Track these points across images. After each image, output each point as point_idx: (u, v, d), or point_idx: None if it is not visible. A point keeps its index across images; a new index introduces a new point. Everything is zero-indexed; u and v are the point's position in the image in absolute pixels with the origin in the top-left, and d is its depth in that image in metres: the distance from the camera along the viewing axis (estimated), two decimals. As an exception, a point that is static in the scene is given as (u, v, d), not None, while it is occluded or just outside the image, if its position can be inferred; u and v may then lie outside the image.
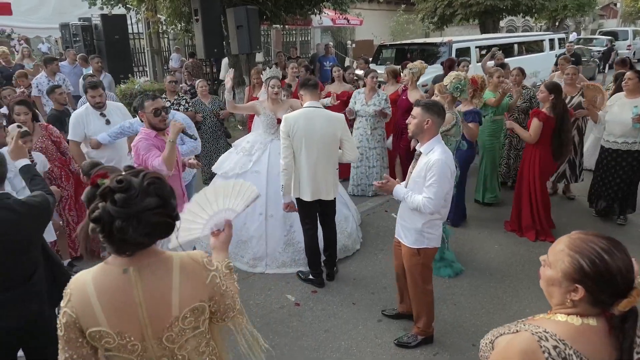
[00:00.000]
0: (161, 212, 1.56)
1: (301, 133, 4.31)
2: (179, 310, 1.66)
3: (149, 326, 1.64)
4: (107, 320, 1.60)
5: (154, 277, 1.64)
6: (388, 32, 25.62)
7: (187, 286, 1.68)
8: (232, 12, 9.19)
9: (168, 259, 1.69)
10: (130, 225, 1.49)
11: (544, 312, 1.73)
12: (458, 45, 12.08)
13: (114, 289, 1.61)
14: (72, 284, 1.64)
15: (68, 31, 13.46)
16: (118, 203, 1.49)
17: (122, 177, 1.53)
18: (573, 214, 6.47)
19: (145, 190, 1.53)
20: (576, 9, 21.43)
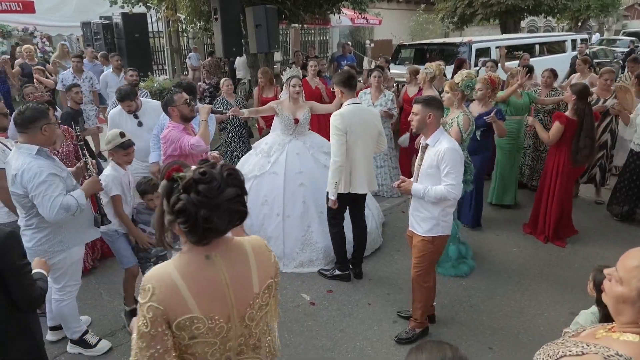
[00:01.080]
0: (240, 200, 1.64)
1: (358, 128, 4.42)
2: (258, 287, 1.78)
3: (234, 306, 1.72)
4: (198, 306, 1.65)
5: (235, 260, 1.75)
6: (407, 32, 25.48)
7: (261, 265, 1.80)
8: (251, 11, 9.20)
9: (240, 243, 1.80)
10: (215, 214, 1.57)
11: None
12: (478, 45, 11.97)
13: (201, 275, 1.67)
14: (151, 279, 1.65)
15: (89, 29, 13.63)
16: (202, 193, 1.56)
17: (204, 169, 1.60)
18: (594, 218, 6.36)
19: (226, 181, 1.60)
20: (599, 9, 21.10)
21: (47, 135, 3.32)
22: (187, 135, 4.28)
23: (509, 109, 6.44)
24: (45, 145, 3.37)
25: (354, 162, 4.48)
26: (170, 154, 4.25)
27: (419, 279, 3.85)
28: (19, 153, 3.28)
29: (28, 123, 3.25)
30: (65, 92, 6.36)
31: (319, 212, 5.12)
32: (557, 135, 5.31)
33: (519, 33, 19.78)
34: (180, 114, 4.28)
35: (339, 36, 22.55)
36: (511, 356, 3.83)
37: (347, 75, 4.53)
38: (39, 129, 3.27)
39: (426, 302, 3.94)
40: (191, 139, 4.24)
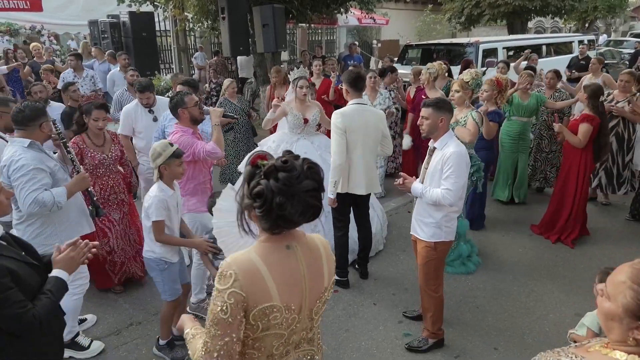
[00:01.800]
0: (316, 195, 1.65)
1: (358, 128, 4.38)
2: (328, 281, 1.84)
3: (307, 298, 1.76)
4: (279, 295, 1.67)
5: (311, 252, 1.80)
6: (414, 32, 25.45)
7: (330, 260, 1.87)
8: (258, 11, 9.22)
9: (311, 238, 1.86)
10: (290, 202, 1.59)
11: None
12: (485, 46, 11.95)
13: (283, 264, 1.71)
14: (233, 265, 1.64)
15: (96, 28, 13.67)
16: (281, 181, 1.59)
17: (287, 158, 1.64)
18: (601, 219, 6.34)
19: (306, 173, 1.62)
20: (607, 10, 20.97)
21: (45, 132, 3.47)
22: (200, 141, 4.12)
23: (512, 109, 6.44)
24: (41, 141, 3.49)
25: (352, 163, 4.45)
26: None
27: (427, 289, 3.76)
28: (12, 145, 3.41)
29: (28, 121, 3.39)
30: (63, 91, 6.40)
31: (326, 211, 5.12)
32: (588, 136, 5.31)
33: (526, 34, 19.72)
34: (191, 116, 4.10)
35: (346, 36, 22.54)
36: (516, 357, 3.82)
37: (355, 75, 4.50)
38: (37, 126, 3.42)
39: (437, 312, 3.83)
40: (206, 145, 4.06)
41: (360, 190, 4.52)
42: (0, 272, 2.16)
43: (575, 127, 5.42)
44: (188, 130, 4.12)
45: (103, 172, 4.34)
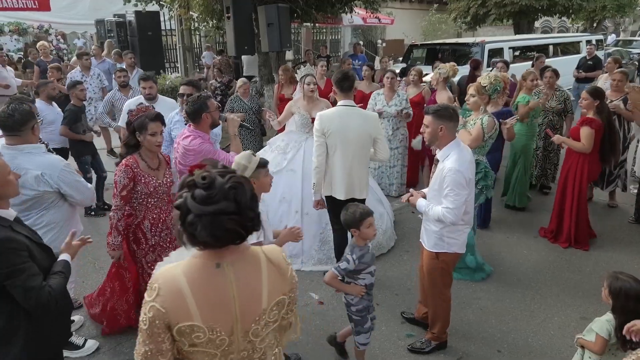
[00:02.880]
0: (234, 219, 1.54)
1: (337, 132, 4.22)
2: (267, 303, 1.70)
3: (239, 320, 1.66)
4: (201, 315, 1.60)
5: (246, 272, 1.67)
6: (419, 31, 25.40)
7: (274, 279, 1.72)
8: (263, 10, 9.21)
9: (255, 253, 1.73)
10: (200, 222, 1.50)
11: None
12: (491, 45, 11.90)
13: (209, 284, 1.61)
14: (159, 278, 1.62)
15: (103, 27, 13.71)
16: (196, 198, 1.51)
17: (207, 174, 1.55)
18: (607, 222, 6.29)
19: (225, 193, 1.52)
20: (615, 10, 20.79)
21: (36, 134, 3.44)
22: (222, 151, 4.05)
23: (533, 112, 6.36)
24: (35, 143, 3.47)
25: (331, 167, 4.33)
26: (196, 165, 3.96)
27: (436, 296, 3.72)
28: (30, 154, 3.35)
29: (20, 126, 3.31)
30: (69, 89, 6.43)
31: (304, 212, 5.13)
32: (592, 140, 5.19)
33: (532, 33, 19.61)
34: (213, 120, 3.99)
35: (351, 35, 22.52)
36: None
37: (340, 76, 4.32)
38: (30, 129, 3.35)
39: (444, 317, 3.79)
40: (229, 156, 3.92)
41: (339, 194, 4.38)
42: (19, 245, 2.39)
43: (576, 132, 5.34)
44: (205, 135, 3.96)
45: (155, 203, 3.70)
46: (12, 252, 2.35)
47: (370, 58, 18.18)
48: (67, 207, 3.59)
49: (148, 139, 3.49)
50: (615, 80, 6.28)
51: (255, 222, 1.62)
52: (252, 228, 1.61)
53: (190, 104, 3.94)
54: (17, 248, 2.37)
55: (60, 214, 3.53)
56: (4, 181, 2.47)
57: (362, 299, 3.36)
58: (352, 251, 3.27)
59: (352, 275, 3.32)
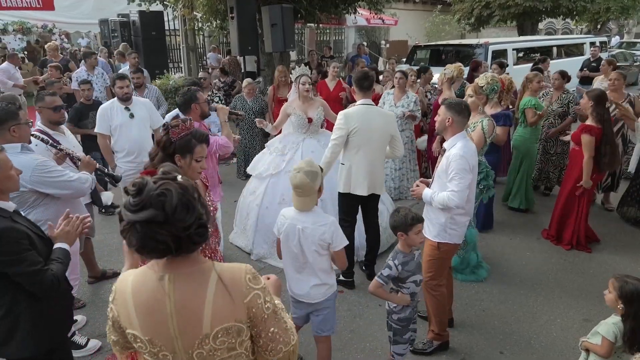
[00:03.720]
0: (165, 229, 1.43)
1: (362, 130, 4.37)
2: (210, 327, 1.55)
3: (179, 339, 1.56)
4: (140, 326, 1.56)
5: (188, 289, 1.54)
6: (423, 32, 25.39)
7: (222, 302, 1.55)
8: (267, 10, 9.23)
9: (207, 270, 1.58)
10: (131, 231, 1.44)
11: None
12: (495, 47, 11.89)
13: (148, 296, 1.55)
14: (118, 282, 1.63)
15: (107, 27, 13.80)
16: (126, 205, 1.45)
17: (138, 181, 1.47)
18: (608, 224, 6.27)
19: (150, 201, 1.42)
20: (619, 12, 20.71)
21: (16, 136, 3.37)
22: (212, 136, 4.23)
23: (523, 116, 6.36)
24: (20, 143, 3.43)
25: (355, 164, 4.45)
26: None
27: (428, 287, 3.73)
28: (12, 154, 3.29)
29: None
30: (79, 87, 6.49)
31: (336, 209, 5.11)
32: (592, 148, 5.12)
33: (536, 35, 19.59)
34: (201, 111, 4.29)
35: (355, 36, 22.52)
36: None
37: (361, 75, 4.51)
38: (7, 130, 3.32)
39: (438, 313, 3.80)
40: (219, 139, 4.23)
41: (361, 191, 4.51)
42: (19, 234, 2.46)
43: (577, 138, 5.29)
44: (195, 124, 4.11)
45: None
46: (13, 241, 2.41)
47: (374, 59, 18.18)
48: (59, 204, 3.52)
49: (193, 165, 2.89)
50: (612, 80, 6.24)
51: (195, 234, 1.48)
52: (189, 240, 1.48)
53: (180, 96, 4.28)
54: (17, 237, 2.44)
55: (50, 212, 3.48)
56: (5, 176, 2.56)
57: (405, 308, 3.28)
58: (395, 257, 3.21)
59: (397, 283, 3.26)
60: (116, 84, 5.35)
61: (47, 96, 4.31)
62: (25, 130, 3.46)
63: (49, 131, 4.22)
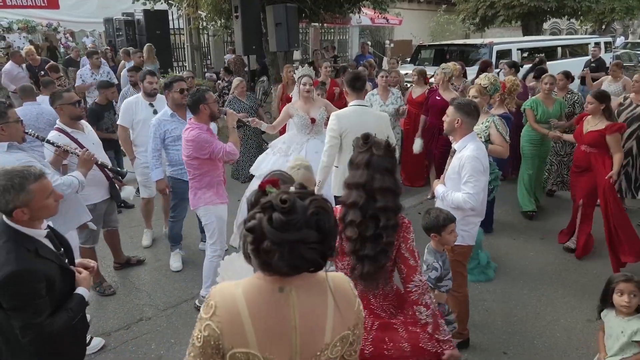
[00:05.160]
0: (316, 248, 1.37)
1: (355, 131, 4.22)
2: (331, 337, 1.52)
3: (299, 353, 1.49)
4: (258, 342, 1.45)
5: (311, 300, 1.49)
6: (427, 32, 25.35)
7: (340, 312, 1.53)
8: (271, 10, 9.24)
9: (322, 281, 1.53)
10: (279, 251, 1.34)
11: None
12: (499, 47, 11.86)
13: (269, 309, 1.46)
14: (217, 296, 1.50)
15: (111, 25, 13.81)
16: (274, 224, 1.34)
17: (287, 197, 1.36)
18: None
19: (308, 220, 1.35)
20: (624, 12, 20.65)
21: (5, 134, 3.37)
22: (219, 141, 4.15)
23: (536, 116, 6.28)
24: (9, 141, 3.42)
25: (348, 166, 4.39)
26: (197, 157, 4.07)
27: (453, 295, 3.68)
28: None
29: None
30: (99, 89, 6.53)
31: None
32: (620, 144, 5.01)
33: (541, 35, 19.54)
34: (211, 111, 4.15)
35: (359, 36, 22.50)
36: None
37: (352, 75, 4.44)
38: None
39: (461, 312, 3.78)
40: (226, 146, 4.11)
41: None
42: (37, 277, 2.27)
43: (595, 138, 5.05)
44: (203, 126, 4.11)
45: None
46: (26, 284, 2.25)
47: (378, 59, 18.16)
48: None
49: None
50: (635, 81, 6.06)
51: (334, 249, 1.45)
52: (331, 256, 1.45)
53: (189, 97, 4.17)
54: (33, 280, 2.26)
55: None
56: (40, 205, 2.35)
57: (441, 304, 3.24)
58: (436, 257, 3.20)
59: (435, 282, 3.25)
60: (146, 79, 5.53)
61: (64, 93, 4.33)
62: (15, 128, 3.44)
63: (68, 129, 4.22)
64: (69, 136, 4.18)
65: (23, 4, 13.39)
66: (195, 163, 4.11)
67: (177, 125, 4.75)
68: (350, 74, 4.51)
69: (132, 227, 6.08)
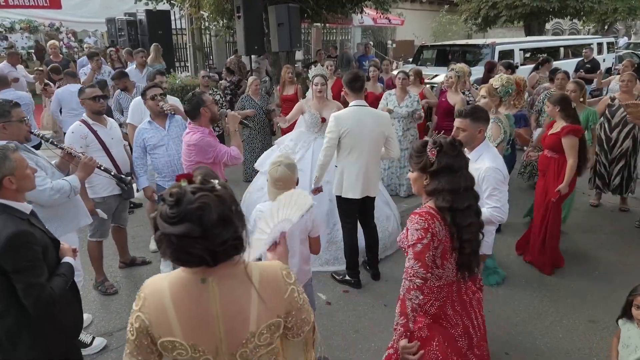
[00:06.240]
0: (200, 243, 1.40)
1: (353, 131, 4.31)
2: (256, 325, 1.58)
3: (224, 341, 1.56)
4: (182, 332, 1.52)
5: (233, 290, 1.55)
6: (429, 32, 25.33)
7: (266, 300, 1.58)
8: (273, 10, 9.25)
9: (248, 270, 1.59)
10: (165, 242, 1.41)
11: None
12: (501, 47, 11.86)
13: (192, 300, 1.52)
14: (147, 288, 1.58)
15: (114, 26, 13.82)
16: (161, 216, 1.41)
17: (176, 191, 1.41)
18: (617, 225, 6.24)
19: (189, 215, 1.38)
20: (627, 12, 20.64)
21: (6, 133, 3.38)
22: (222, 145, 4.12)
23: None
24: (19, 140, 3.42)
25: (347, 167, 4.41)
26: (200, 161, 4.00)
27: None
28: None
29: None
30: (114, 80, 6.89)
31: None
32: (577, 150, 4.69)
33: (543, 35, 19.52)
34: (211, 113, 4.09)
35: (361, 36, 22.51)
36: (528, 362, 3.78)
37: (351, 76, 4.43)
38: None
39: None
40: (230, 150, 4.07)
41: (353, 194, 4.45)
42: (35, 240, 2.45)
43: (553, 141, 4.85)
44: (205, 130, 4.06)
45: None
46: (26, 247, 2.39)
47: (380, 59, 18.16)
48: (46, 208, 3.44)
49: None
50: (625, 81, 6.11)
51: (230, 247, 1.47)
52: (225, 253, 1.47)
53: (187, 103, 4.10)
54: (32, 242, 2.41)
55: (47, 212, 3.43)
56: (22, 175, 2.55)
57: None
58: None
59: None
60: (156, 78, 5.64)
61: (87, 88, 4.49)
62: (17, 127, 3.44)
63: (90, 121, 4.39)
64: (89, 127, 4.33)
65: (25, 4, 13.40)
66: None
67: (155, 133, 4.68)
68: (349, 74, 4.49)
69: (135, 227, 6.08)
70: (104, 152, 4.38)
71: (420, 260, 2.33)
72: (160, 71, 5.78)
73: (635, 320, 2.84)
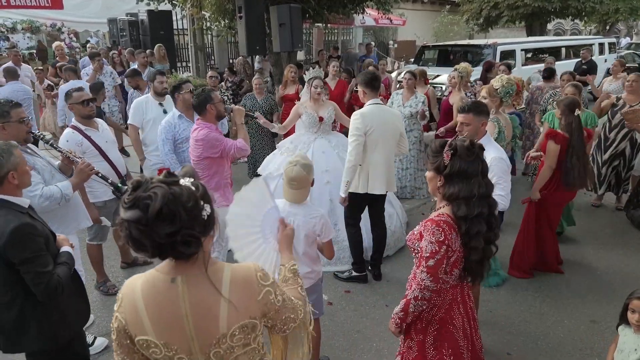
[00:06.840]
0: (141, 230, 1.40)
1: (378, 128, 4.41)
2: (227, 327, 1.57)
3: (195, 340, 1.57)
4: (154, 330, 1.55)
5: (202, 289, 1.56)
6: (431, 32, 25.32)
7: (237, 301, 1.58)
8: (275, 10, 9.25)
9: (219, 270, 1.60)
10: (122, 227, 1.43)
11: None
12: (503, 47, 11.85)
13: (161, 299, 1.54)
14: (124, 288, 1.61)
15: (115, 26, 13.86)
16: (122, 200, 1.44)
17: (138, 180, 1.45)
18: (617, 225, 6.23)
19: (138, 202, 1.40)
20: (629, 13, 20.59)
21: (6, 133, 3.38)
22: (228, 138, 4.22)
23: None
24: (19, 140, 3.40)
25: (372, 163, 4.48)
26: (208, 156, 4.10)
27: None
28: None
29: None
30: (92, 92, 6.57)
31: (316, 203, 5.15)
32: (556, 157, 4.55)
33: (545, 36, 19.50)
34: (217, 111, 4.18)
35: (363, 36, 22.50)
36: (529, 363, 3.78)
37: (371, 76, 4.53)
38: None
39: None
40: (236, 142, 4.17)
41: (379, 190, 4.54)
42: (38, 231, 2.54)
43: (542, 145, 4.84)
44: (212, 126, 4.16)
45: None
46: (30, 238, 2.47)
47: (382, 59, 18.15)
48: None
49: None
50: (630, 81, 6.07)
51: (180, 243, 1.45)
52: (172, 248, 1.46)
53: (195, 97, 4.21)
54: (35, 234, 2.50)
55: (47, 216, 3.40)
56: (23, 170, 2.65)
57: None
58: None
59: None
60: (156, 79, 5.61)
61: (75, 92, 4.37)
62: (17, 128, 3.44)
63: (82, 127, 4.32)
64: (82, 134, 4.26)
65: (27, 4, 13.40)
66: (205, 163, 4.13)
67: (187, 126, 4.75)
68: (367, 74, 4.58)
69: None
70: (102, 157, 4.34)
71: (432, 276, 2.29)
72: (160, 71, 5.76)
73: (631, 324, 2.85)
